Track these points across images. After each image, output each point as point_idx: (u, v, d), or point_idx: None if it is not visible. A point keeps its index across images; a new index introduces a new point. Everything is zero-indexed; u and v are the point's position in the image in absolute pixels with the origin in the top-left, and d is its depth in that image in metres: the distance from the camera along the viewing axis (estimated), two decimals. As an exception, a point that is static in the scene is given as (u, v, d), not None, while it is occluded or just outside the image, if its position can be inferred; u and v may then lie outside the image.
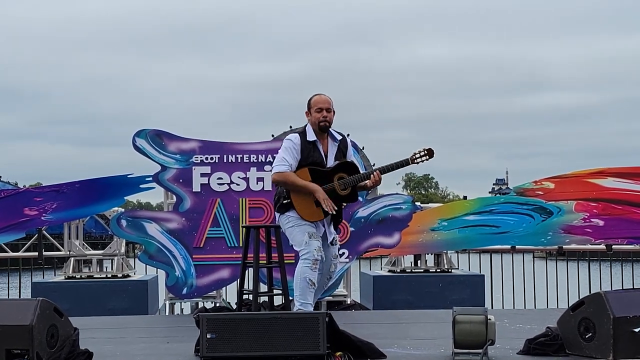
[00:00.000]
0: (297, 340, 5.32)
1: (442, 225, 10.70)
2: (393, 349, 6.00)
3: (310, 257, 6.22)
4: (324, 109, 6.37)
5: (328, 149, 6.44)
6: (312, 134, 6.41)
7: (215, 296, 10.44)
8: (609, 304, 5.38)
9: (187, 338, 6.39)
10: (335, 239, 6.54)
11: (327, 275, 6.54)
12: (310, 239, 6.25)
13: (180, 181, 9.66)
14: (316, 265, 6.23)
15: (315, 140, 6.39)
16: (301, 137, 6.39)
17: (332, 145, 6.44)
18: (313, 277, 6.23)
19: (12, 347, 5.17)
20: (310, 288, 6.23)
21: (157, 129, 9.72)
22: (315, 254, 6.22)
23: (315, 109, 6.38)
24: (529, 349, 5.75)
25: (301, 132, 6.46)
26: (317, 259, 6.23)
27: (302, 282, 6.23)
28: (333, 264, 6.52)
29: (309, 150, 6.36)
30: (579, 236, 10.44)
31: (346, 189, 6.35)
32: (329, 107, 6.41)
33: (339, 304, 10.56)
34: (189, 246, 9.64)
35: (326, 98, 6.43)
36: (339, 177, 6.36)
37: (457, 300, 10.32)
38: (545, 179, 10.52)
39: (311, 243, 6.24)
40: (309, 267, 6.22)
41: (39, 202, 9.99)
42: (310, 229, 6.29)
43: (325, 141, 6.44)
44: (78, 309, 9.52)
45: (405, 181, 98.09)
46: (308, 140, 6.38)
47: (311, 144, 6.38)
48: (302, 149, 6.35)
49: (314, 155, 6.36)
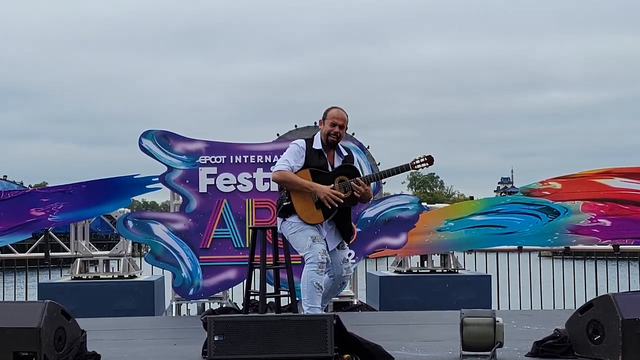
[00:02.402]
0: (305, 342, 5.31)
1: (448, 225, 10.69)
2: (401, 351, 5.99)
3: (315, 260, 6.18)
4: (337, 124, 6.34)
5: (334, 161, 6.42)
6: (319, 143, 6.39)
7: (221, 297, 10.44)
8: (618, 306, 5.37)
9: (193, 340, 6.39)
10: (343, 243, 6.47)
11: (340, 281, 6.51)
12: (313, 243, 6.22)
13: (186, 182, 9.66)
14: (322, 268, 6.19)
15: (321, 150, 6.38)
16: (307, 143, 6.39)
17: (337, 160, 6.42)
18: (320, 280, 6.20)
19: (20, 349, 5.17)
20: (317, 292, 6.19)
21: (163, 129, 9.72)
22: (319, 257, 6.18)
23: (329, 122, 6.36)
24: (537, 351, 5.73)
25: (308, 139, 6.45)
26: (322, 262, 6.19)
27: (309, 286, 6.18)
28: (344, 269, 6.45)
29: (314, 157, 6.35)
30: (586, 236, 10.42)
31: (347, 191, 6.31)
32: (343, 124, 6.39)
33: (345, 305, 10.55)
34: (195, 247, 9.64)
35: (343, 115, 6.40)
36: (339, 179, 6.34)
37: (463, 301, 10.29)
38: (552, 179, 10.50)
39: (315, 247, 6.20)
40: (315, 271, 6.17)
41: (46, 202, 10.01)
42: (313, 233, 6.25)
43: (331, 153, 6.43)
44: (84, 309, 9.52)
45: (411, 180, 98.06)
46: (314, 148, 6.37)
47: (317, 152, 6.37)
48: (307, 155, 6.34)
49: (320, 162, 6.35)
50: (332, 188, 6.24)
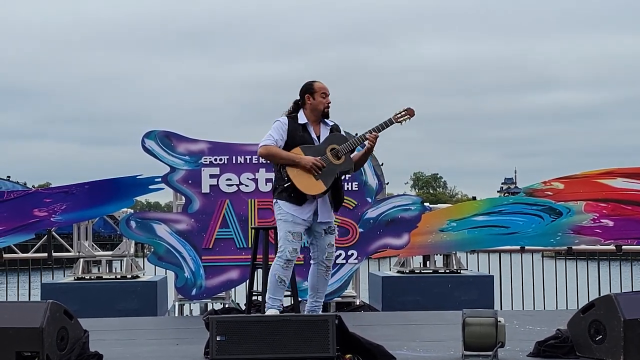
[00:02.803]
0: (306, 342, 5.33)
1: (451, 225, 10.69)
2: (403, 351, 6.00)
3: (283, 256, 6.31)
4: (328, 95, 6.51)
5: (321, 133, 6.50)
6: (304, 117, 6.49)
7: (224, 297, 10.44)
8: (620, 306, 5.38)
9: (196, 340, 6.40)
10: (332, 227, 6.48)
11: (323, 266, 6.46)
12: (288, 239, 6.30)
13: (189, 182, 9.67)
14: (288, 265, 6.31)
15: (306, 123, 6.47)
16: (290, 120, 6.47)
17: (324, 129, 6.52)
18: (284, 275, 6.32)
19: (23, 349, 5.20)
20: (280, 285, 6.34)
21: (166, 130, 9.73)
22: (288, 254, 6.29)
23: (320, 94, 6.48)
24: (539, 351, 5.74)
25: (291, 115, 6.50)
26: (289, 260, 6.30)
27: (272, 279, 6.37)
28: (328, 253, 6.45)
29: (298, 131, 6.42)
30: (588, 237, 10.41)
31: (340, 158, 6.36)
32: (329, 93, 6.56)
33: (347, 305, 10.55)
34: (198, 247, 9.65)
35: (326, 85, 6.58)
36: (331, 148, 6.39)
37: (466, 301, 10.29)
38: (554, 180, 10.49)
39: (288, 243, 6.30)
40: (280, 265, 6.31)
41: (48, 203, 10.03)
42: (293, 228, 6.30)
43: (318, 127, 6.52)
44: (87, 310, 9.52)
45: (414, 180, 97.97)
46: (299, 123, 6.46)
47: (301, 126, 6.46)
48: (290, 129, 6.41)
49: (304, 136, 6.42)
50: (326, 158, 6.31)
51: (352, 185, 9.86)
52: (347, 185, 9.75)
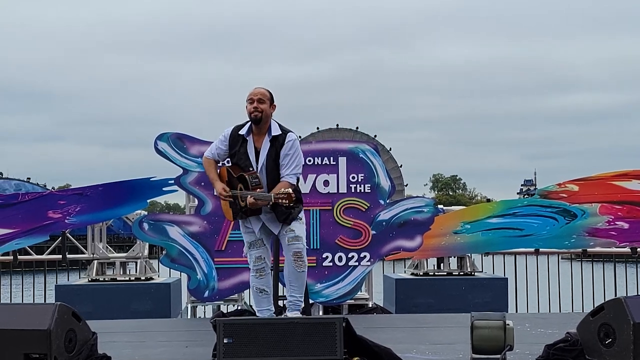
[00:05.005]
0: (314, 345, 5.31)
1: (465, 228, 10.63)
2: (411, 354, 5.98)
3: (252, 267, 6.31)
4: (255, 100, 6.13)
5: (262, 145, 6.19)
6: (246, 128, 6.22)
7: (237, 299, 10.46)
8: (629, 309, 5.32)
9: (206, 342, 6.40)
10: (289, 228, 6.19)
11: (292, 259, 6.18)
12: (250, 249, 6.30)
13: (201, 184, 9.68)
14: (261, 273, 6.27)
15: (245, 134, 6.19)
16: (234, 130, 6.25)
17: (265, 142, 6.19)
18: (260, 284, 6.27)
19: (31, 351, 5.20)
20: (261, 295, 6.30)
21: (178, 132, 9.75)
22: (255, 264, 6.28)
23: (248, 100, 6.18)
24: (548, 354, 5.69)
25: (239, 125, 6.28)
26: (258, 268, 6.27)
27: (253, 291, 6.38)
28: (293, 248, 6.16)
29: (237, 143, 6.20)
30: (603, 239, 10.34)
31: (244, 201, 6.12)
32: (261, 97, 6.16)
33: (360, 308, 10.54)
34: (210, 249, 9.66)
35: (260, 90, 6.22)
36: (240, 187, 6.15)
37: (480, 304, 10.26)
38: (569, 182, 10.43)
39: (251, 253, 6.30)
40: (254, 276, 6.30)
41: (63, 205, 10.07)
42: (249, 238, 6.31)
43: (262, 137, 6.20)
44: (101, 311, 9.59)
45: (433, 182, 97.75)
46: (239, 134, 6.22)
47: (241, 137, 6.20)
48: (231, 143, 6.24)
49: (240, 151, 6.19)
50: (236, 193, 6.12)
51: (365, 188, 9.83)
52: (360, 188, 9.74)
